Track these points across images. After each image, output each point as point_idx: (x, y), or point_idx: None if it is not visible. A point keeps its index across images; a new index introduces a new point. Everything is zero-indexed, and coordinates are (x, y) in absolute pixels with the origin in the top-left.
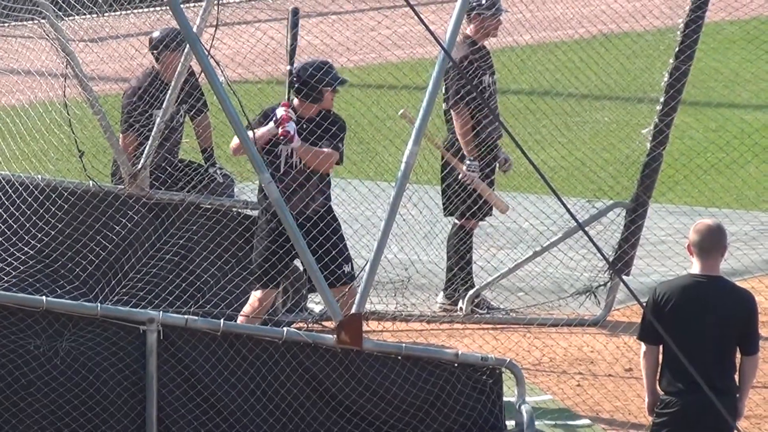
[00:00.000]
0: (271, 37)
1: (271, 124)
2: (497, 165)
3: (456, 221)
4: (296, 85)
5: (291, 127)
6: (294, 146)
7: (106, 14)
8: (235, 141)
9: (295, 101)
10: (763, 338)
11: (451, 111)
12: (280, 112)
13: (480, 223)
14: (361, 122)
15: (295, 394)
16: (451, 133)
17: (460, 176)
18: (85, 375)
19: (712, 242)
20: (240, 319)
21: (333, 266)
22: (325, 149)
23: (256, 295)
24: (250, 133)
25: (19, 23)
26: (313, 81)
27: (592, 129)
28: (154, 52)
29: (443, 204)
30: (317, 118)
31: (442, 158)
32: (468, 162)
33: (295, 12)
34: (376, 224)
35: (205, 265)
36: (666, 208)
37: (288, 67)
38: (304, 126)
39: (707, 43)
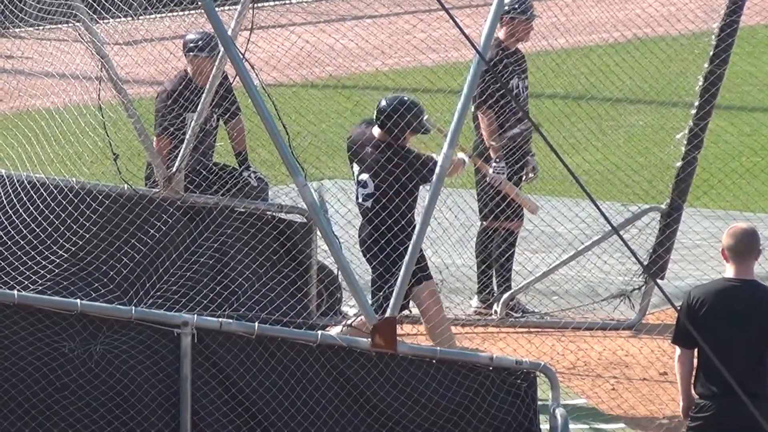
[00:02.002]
0: (306, 40)
1: None
2: (526, 170)
3: (483, 223)
4: (383, 119)
5: None
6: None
7: (140, 17)
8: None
9: (377, 131)
10: None
11: (477, 113)
12: None
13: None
14: None
15: (330, 398)
16: (479, 136)
17: (487, 178)
18: (120, 378)
19: (745, 246)
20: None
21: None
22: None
23: (425, 291)
24: None
25: (54, 26)
26: (404, 121)
27: (627, 133)
28: (189, 54)
29: (479, 209)
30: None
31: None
32: (494, 164)
33: None
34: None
35: (240, 268)
36: (701, 212)
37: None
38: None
39: (742, 47)
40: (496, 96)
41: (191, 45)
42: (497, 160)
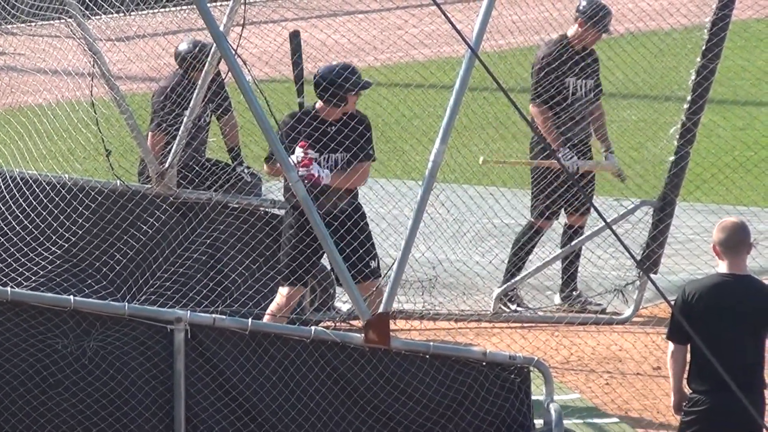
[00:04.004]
0: None
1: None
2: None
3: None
4: (319, 90)
5: (315, 169)
6: (326, 182)
7: (132, 13)
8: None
9: (318, 104)
10: None
11: (530, 106)
12: (299, 154)
13: (509, 222)
14: (388, 121)
15: (323, 393)
16: (535, 135)
17: (562, 169)
18: (113, 374)
19: (736, 240)
20: (266, 318)
21: (360, 264)
22: (359, 164)
23: (282, 293)
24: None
25: (46, 22)
26: (336, 85)
27: (620, 128)
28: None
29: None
30: (344, 118)
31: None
32: (562, 152)
33: (295, 35)
34: (404, 223)
35: (233, 264)
36: (694, 206)
37: (298, 100)
38: (328, 130)
39: (734, 41)
40: (547, 94)
41: (188, 57)
42: (562, 149)
